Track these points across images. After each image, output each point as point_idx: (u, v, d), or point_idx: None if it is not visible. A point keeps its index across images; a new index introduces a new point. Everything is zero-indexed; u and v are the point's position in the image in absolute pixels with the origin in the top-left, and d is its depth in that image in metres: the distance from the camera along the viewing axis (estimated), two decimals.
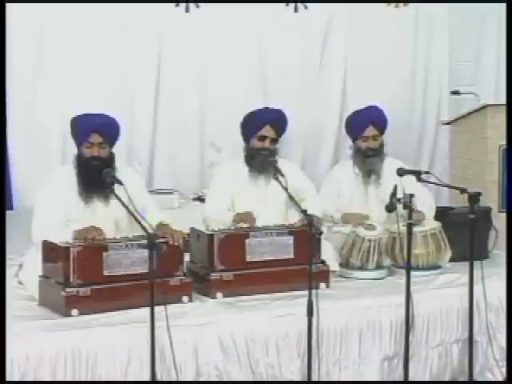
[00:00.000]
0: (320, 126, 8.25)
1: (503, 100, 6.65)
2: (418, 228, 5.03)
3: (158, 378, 3.86)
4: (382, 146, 5.56)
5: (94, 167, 4.58)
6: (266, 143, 5.15)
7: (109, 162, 4.66)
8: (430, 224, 5.21)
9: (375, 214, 5.33)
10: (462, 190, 4.62)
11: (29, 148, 7.32)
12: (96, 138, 4.63)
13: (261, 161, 5.11)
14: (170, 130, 7.71)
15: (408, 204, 4.35)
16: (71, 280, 4.11)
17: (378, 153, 5.53)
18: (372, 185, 5.53)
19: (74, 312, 4.09)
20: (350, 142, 5.72)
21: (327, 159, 8.22)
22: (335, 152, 8.28)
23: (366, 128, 5.49)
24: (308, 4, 7.94)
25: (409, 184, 4.99)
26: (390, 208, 4.54)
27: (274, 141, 5.18)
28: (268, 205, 5.14)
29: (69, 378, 3.83)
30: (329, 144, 8.29)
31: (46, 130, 7.31)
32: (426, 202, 5.41)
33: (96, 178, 4.51)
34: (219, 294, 4.48)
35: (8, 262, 4.76)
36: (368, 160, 5.51)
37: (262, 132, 5.15)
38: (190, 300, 4.38)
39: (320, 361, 4.28)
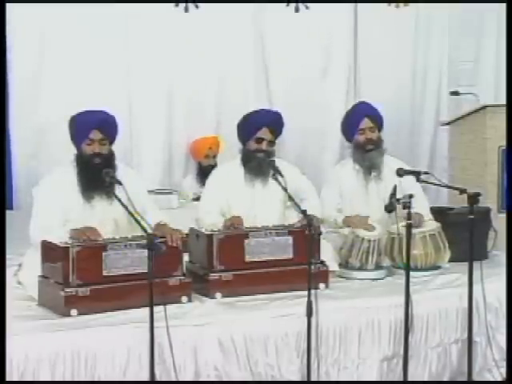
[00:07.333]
0: (322, 128, 8.24)
1: (503, 100, 6.63)
2: (417, 229, 5.03)
3: (157, 378, 3.86)
4: (380, 139, 5.52)
5: (96, 164, 4.57)
6: (264, 145, 5.12)
7: (110, 159, 4.65)
8: (430, 225, 5.20)
9: (376, 211, 5.28)
10: (462, 191, 4.61)
11: (29, 148, 7.33)
12: (96, 135, 4.61)
13: (258, 163, 5.08)
14: (171, 130, 7.72)
15: (407, 204, 4.35)
16: (70, 280, 4.10)
17: (377, 146, 5.50)
18: (373, 181, 5.49)
19: (73, 312, 4.08)
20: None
21: (330, 161, 8.20)
22: (338, 153, 8.27)
23: (361, 121, 5.47)
24: (309, 4, 7.95)
25: (408, 185, 5.01)
26: (390, 208, 4.54)
27: (271, 143, 5.15)
28: (265, 207, 5.11)
29: (68, 378, 3.82)
30: (331, 145, 8.27)
31: (48, 130, 7.31)
32: (423, 205, 5.39)
33: (98, 175, 4.50)
34: (218, 294, 4.47)
35: (8, 262, 4.76)
36: (368, 155, 5.47)
37: (260, 134, 5.11)
38: (189, 300, 4.38)
39: (319, 361, 4.27)
